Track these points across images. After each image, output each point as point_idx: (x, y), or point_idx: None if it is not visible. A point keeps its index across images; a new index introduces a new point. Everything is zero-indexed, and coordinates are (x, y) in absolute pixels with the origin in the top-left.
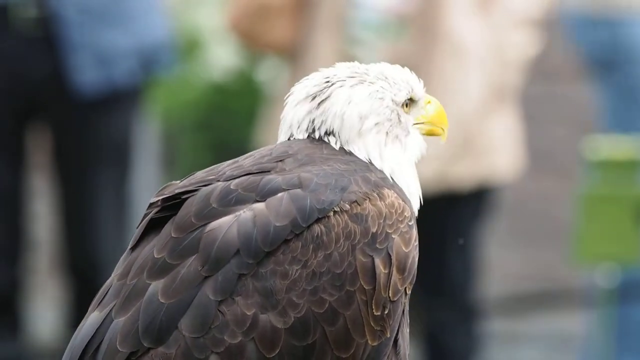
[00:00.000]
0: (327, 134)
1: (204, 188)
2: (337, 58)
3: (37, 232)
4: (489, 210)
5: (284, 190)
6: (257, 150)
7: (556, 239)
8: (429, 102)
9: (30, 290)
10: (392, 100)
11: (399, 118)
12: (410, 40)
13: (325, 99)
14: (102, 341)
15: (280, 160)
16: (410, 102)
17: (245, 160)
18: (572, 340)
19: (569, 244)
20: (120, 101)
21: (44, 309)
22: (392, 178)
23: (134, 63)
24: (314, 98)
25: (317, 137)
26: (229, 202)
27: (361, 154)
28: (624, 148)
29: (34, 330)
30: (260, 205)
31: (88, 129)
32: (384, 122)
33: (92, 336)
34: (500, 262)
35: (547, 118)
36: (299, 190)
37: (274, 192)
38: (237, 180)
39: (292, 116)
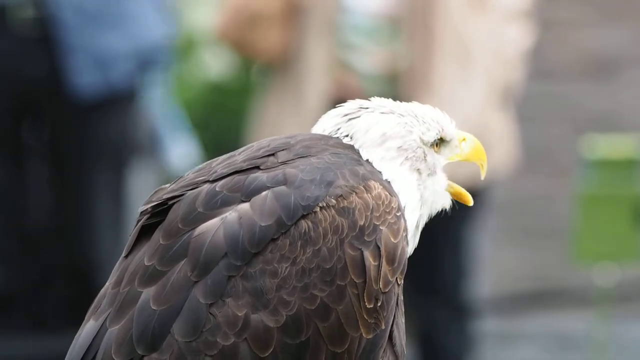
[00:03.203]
0: (345, 136)
1: (190, 192)
2: (330, 63)
3: (34, 231)
4: (482, 209)
5: (268, 188)
6: (259, 141)
7: (554, 238)
8: (463, 139)
9: (27, 289)
10: (420, 138)
11: (424, 156)
12: (405, 42)
13: (355, 117)
14: (97, 351)
15: (272, 154)
16: (440, 142)
17: (241, 155)
18: (569, 340)
19: (567, 243)
20: (118, 103)
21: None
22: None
23: (131, 65)
24: (345, 115)
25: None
26: (215, 204)
27: (366, 157)
28: (622, 147)
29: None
30: (245, 206)
31: (85, 130)
32: (407, 149)
33: (89, 346)
34: (498, 261)
35: (545, 117)
36: (283, 188)
37: (258, 190)
38: (222, 182)
39: (320, 126)
